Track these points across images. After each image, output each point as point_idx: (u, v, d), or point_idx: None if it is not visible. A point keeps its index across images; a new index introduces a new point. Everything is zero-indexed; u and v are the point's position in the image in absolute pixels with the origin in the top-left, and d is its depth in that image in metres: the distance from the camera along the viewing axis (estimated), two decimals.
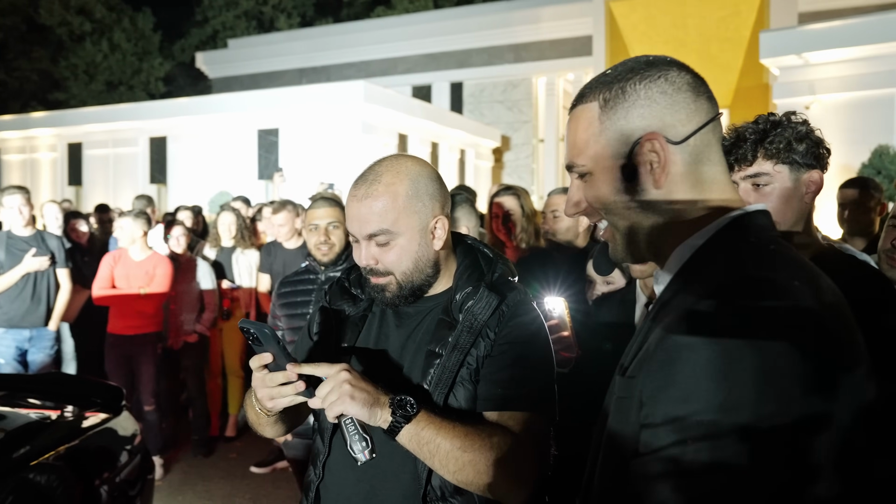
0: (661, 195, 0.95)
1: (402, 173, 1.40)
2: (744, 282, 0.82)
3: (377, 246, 1.40)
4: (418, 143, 13.12)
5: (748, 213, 0.94)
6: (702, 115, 0.95)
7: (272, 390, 1.32)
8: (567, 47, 16.24)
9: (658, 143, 0.93)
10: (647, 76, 0.95)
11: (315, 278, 3.14)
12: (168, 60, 26.07)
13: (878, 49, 8.09)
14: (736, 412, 0.74)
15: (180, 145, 12.61)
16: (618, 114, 0.95)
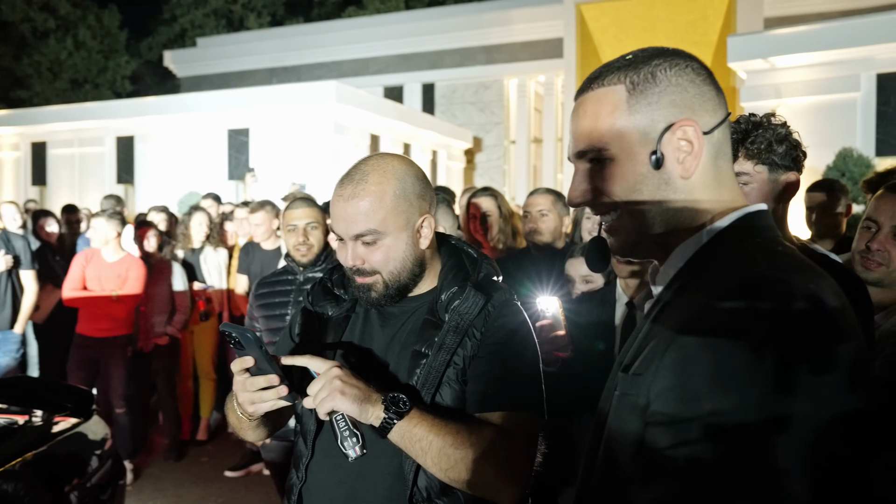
0: (686, 185, 0.92)
1: (388, 173, 1.39)
2: (759, 283, 0.80)
3: (364, 246, 1.39)
4: (390, 144, 13.08)
5: (752, 212, 0.93)
6: (723, 109, 0.95)
7: (253, 395, 1.31)
8: (538, 49, 16.32)
9: (693, 129, 0.91)
10: (675, 63, 0.93)
11: (293, 279, 3.12)
12: (135, 59, 25.65)
13: (841, 54, 8.27)
14: (752, 414, 0.73)
15: (148, 145, 12.41)
16: (648, 98, 0.92)
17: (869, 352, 0.89)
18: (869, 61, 8.17)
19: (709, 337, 0.77)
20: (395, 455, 1.35)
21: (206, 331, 5.41)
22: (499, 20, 16.65)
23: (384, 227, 1.37)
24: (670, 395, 0.78)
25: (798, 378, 0.73)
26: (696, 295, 0.84)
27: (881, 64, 8.11)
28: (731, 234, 0.90)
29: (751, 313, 0.76)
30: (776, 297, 0.77)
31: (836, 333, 0.77)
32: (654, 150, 0.91)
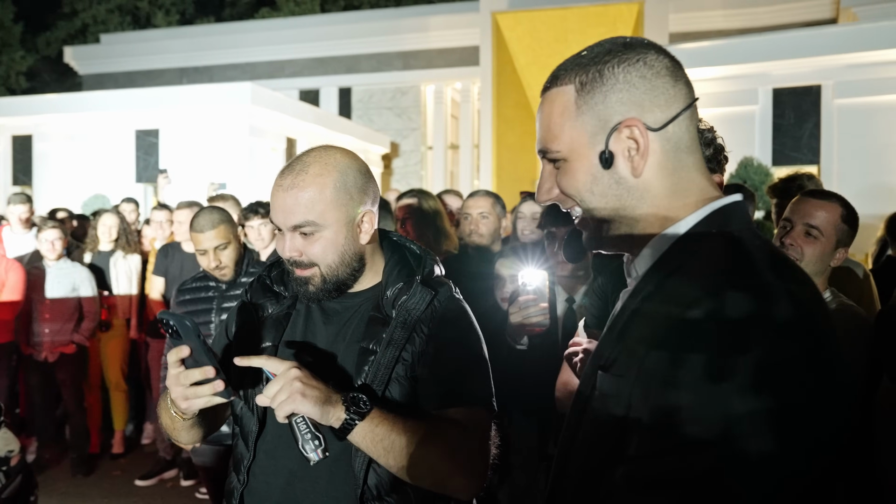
0: (639, 183, 0.91)
1: (330, 165, 1.38)
2: (731, 285, 0.78)
3: (302, 237, 1.37)
4: (307, 148, 12.86)
5: (722, 207, 0.91)
6: (680, 101, 0.92)
7: (187, 390, 1.25)
8: (455, 56, 16.49)
9: (637, 129, 0.90)
10: (625, 59, 0.91)
11: (216, 286, 3.04)
12: (31, 54, 24.25)
13: (741, 69, 8.76)
14: (739, 423, 0.71)
15: (49, 145, 11.75)
16: (595, 98, 0.91)
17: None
18: (766, 76, 8.70)
19: (690, 341, 0.76)
20: (344, 454, 1.34)
21: (115, 339, 5.18)
22: (416, 26, 16.72)
23: (323, 220, 1.35)
24: (656, 400, 0.77)
25: (783, 378, 0.73)
26: (675, 293, 0.82)
27: (777, 79, 8.65)
28: (707, 228, 0.89)
29: (725, 315, 0.75)
30: (752, 298, 0.76)
31: (816, 332, 0.77)
32: (602, 149, 0.91)
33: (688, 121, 0.93)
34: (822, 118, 8.42)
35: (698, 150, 0.95)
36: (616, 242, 0.97)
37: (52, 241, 4.70)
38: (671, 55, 0.94)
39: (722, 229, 0.88)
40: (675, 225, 0.91)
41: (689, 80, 0.94)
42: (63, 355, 4.76)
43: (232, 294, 3.01)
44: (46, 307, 4.72)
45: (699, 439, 0.73)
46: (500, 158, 14.59)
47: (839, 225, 2.18)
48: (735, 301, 0.76)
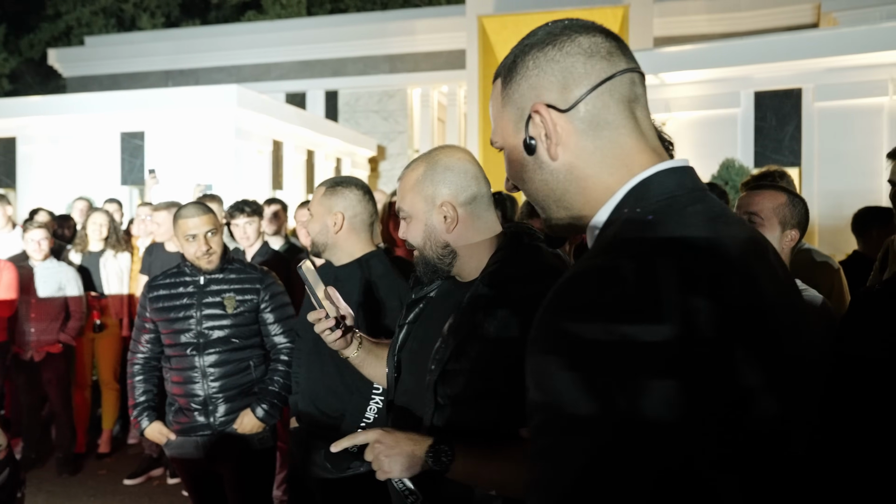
0: (560, 166, 0.90)
1: (426, 159, 1.56)
2: (581, 275, 0.78)
3: (404, 222, 1.59)
4: (293, 151, 12.90)
5: (643, 180, 0.87)
6: (593, 77, 0.89)
7: (323, 335, 1.62)
8: (441, 60, 16.56)
9: (543, 112, 0.89)
10: (539, 46, 0.91)
11: (194, 280, 3.04)
12: (14, 56, 24.05)
13: (723, 72, 8.89)
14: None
15: (32, 147, 11.68)
16: (511, 88, 0.93)
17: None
18: (747, 80, 8.82)
19: (540, 331, 0.78)
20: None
21: (108, 338, 5.18)
22: (402, 30, 16.78)
23: (409, 207, 1.55)
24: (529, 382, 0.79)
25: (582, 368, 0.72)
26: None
27: (758, 82, 8.78)
28: (618, 211, 0.87)
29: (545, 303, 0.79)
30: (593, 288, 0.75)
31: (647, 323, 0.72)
32: (524, 137, 0.92)
33: (607, 96, 0.88)
34: (803, 121, 8.55)
35: (628, 124, 0.90)
36: (564, 228, 0.97)
37: (38, 240, 4.69)
38: (598, 31, 0.91)
39: (628, 213, 0.85)
40: (600, 211, 0.90)
41: (614, 53, 0.90)
42: (49, 355, 4.76)
43: (213, 289, 3.01)
44: (33, 307, 4.72)
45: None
46: (486, 161, 14.66)
47: (780, 208, 2.24)
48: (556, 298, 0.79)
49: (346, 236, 2.44)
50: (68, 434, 4.94)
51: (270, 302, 3.10)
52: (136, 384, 3.12)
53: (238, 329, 3.03)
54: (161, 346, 3.12)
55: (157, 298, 3.05)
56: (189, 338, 2.98)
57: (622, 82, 0.90)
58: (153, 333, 3.10)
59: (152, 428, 3.05)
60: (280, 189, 12.37)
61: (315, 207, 2.44)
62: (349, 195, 2.44)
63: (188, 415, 3.00)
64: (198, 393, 2.97)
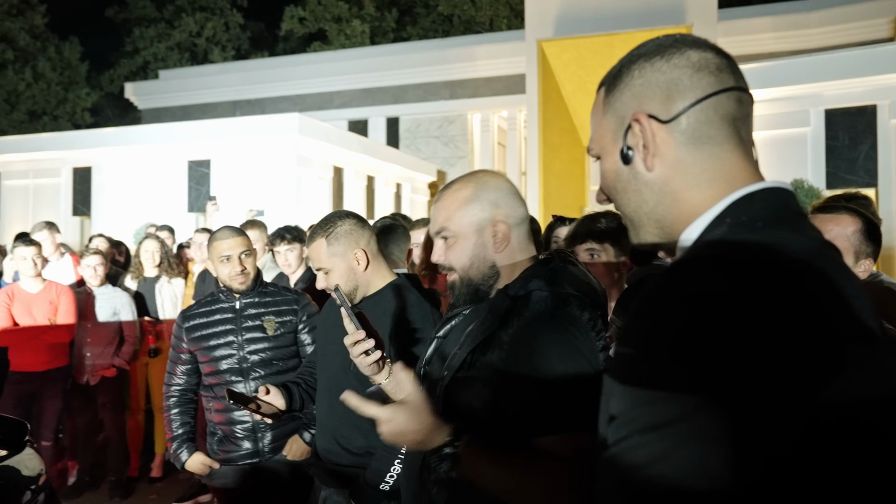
0: (655, 178, 0.90)
1: (471, 181, 1.54)
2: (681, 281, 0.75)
3: (443, 242, 1.53)
4: (354, 177, 13.06)
5: (757, 191, 0.85)
6: (698, 91, 0.88)
7: (358, 359, 1.60)
8: (501, 85, 16.57)
9: (643, 121, 0.89)
10: (648, 57, 0.91)
11: (230, 307, 3.02)
12: (95, 91, 25.37)
13: (792, 91, 8.53)
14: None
15: (106, 176, 12.19)
16: (614, 96, 0.94)
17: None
18: (817, 97, 8.44)
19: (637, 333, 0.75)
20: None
21: (161, 362, 5.24)
22: (462, 56, 16.89)
23: (456, 227, 1.50)
24: (615, 389, 0.78)
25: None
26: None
27: (829, 100, 8.39)
28: (714, 227, 0.86)
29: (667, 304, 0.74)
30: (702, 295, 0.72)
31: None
32: (622, 146, 0.92)
33: (711, 111, 0.88)
34: (879, 139, 8.10)
35: (732, 139, 0.89)
36: (651, 243, 0.96)
37: (94, 266, 4.81)
38: (709, 47, 0.90)
39: (727, 226, 0.83)
40: (693, 225, 0.88)
41: (723, 69, 0.89)
42: (104, 379, 4.85)
43: (251, 312, 2.98)
44: (89, 331, 4.82)
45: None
46: (547, 185, 14.50)
47: (854, 235, 2.09)
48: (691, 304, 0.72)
49: (373, 269, 2.34)
50: (121, 458, 5.00)
51: (308, 323, 3.05)
52: (173, 417, 3.08)
53: (279, 351, 2.99)
54: (197, 377, 3.09)
55: (193, 328, 3.02)
56: (231, 363, 2.94)
57: (728, 99, 0.89)
58: (190, 364, 3.08)
59: (194, 460, 3.01)
60: None
61: (326, 261, 2.29)
62: (352, 229, 2.32)
63: (234, 443, 2.95)
64: (245, 420, 2.91)
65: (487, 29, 22.77)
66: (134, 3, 26.56)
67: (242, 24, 26.92)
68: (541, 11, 14.23)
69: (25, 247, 4.48)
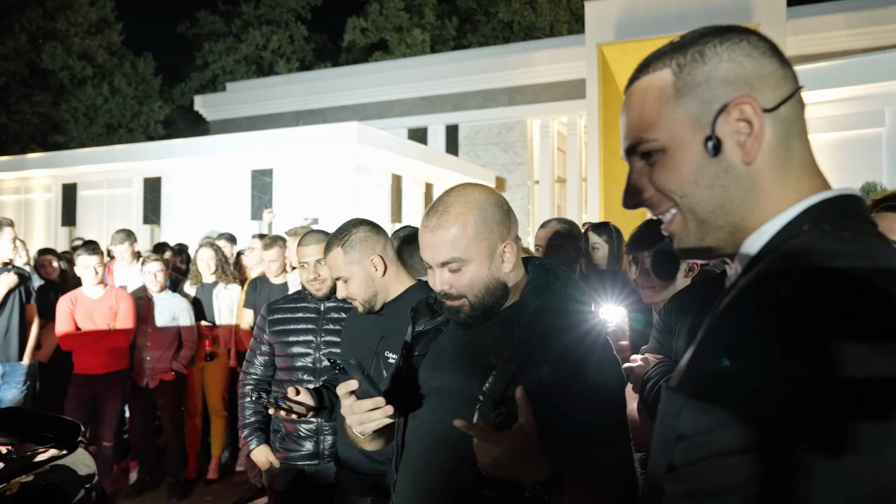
0: (750, 172, 0.81)
1: (470, 203, 1.47)
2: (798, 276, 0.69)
3: (449, 272, 1.47)
4: (412, 184, 13.14)
5: (830, 199, 0.80)
6: (791, 82, 0.83)
7: (361, 416, 1.51)
8: (560, 90, 16.40)
9: (751, 108, 0.80)
10: (727, 38, 0.83)
11: (315, 307, 3.08)
12: (168, 104, 26.37)
13: (865, 90, 8.15)
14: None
15: (174, 186, 12.63)
16: (697, 78, 0.82)
17: None
18: (893, 96, 8.03)
19: (732, 339, 0.68)
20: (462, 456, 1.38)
21: (216, 367, 5.37)
22: (521, 62, 16.81)
23: (467, 255, 1.45)
24: (690, 405, 0.71)
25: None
26: (741, 294, 0.73)
27: None
28: (801, 222, 0.79)
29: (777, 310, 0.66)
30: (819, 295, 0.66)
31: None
32: (709, 134, 0.81)
33: (798, 106, 0.83)
34: None
35: (808, 138, 0.84)
36: (717, 246, 0.86)
37: (154, 272, 4.96)
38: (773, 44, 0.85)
39: (818, 225, 0.77)
40: (775, 219, 0.81)
41: (791, 66, 0.85)
42: (163, 382, 4.98)
43: (333, 316, 3.03)
44: (149, 336, 4.97)
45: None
46: (607, 191, 14.27)
47: None
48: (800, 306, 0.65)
49: (392, 275, 2.32)
50: (179, 459, 5.13)
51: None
52: (248, 404, 3.16)
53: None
54: (274, 370, 3.16)
55: (276, 321, 3.10)
56: (306, 362, 3.00)
57: (800, 95, 0.84)
58: (268, 356, 3.15)
59: (260, 451, 3.07)
60: (399, 222, 12.62)
61: (344, 270, 2.27)
62: (367, 236, 2.30)
63: (296, 442, 2.99)
64: (310, 420, 2.93)
65: (548, 34, 22.63)
66: (204, 19, 27.53)
67: (306, 35, 27.53)
68: (601, 15, 14.04)
69: (88, 256, 4.65)
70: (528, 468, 1.23)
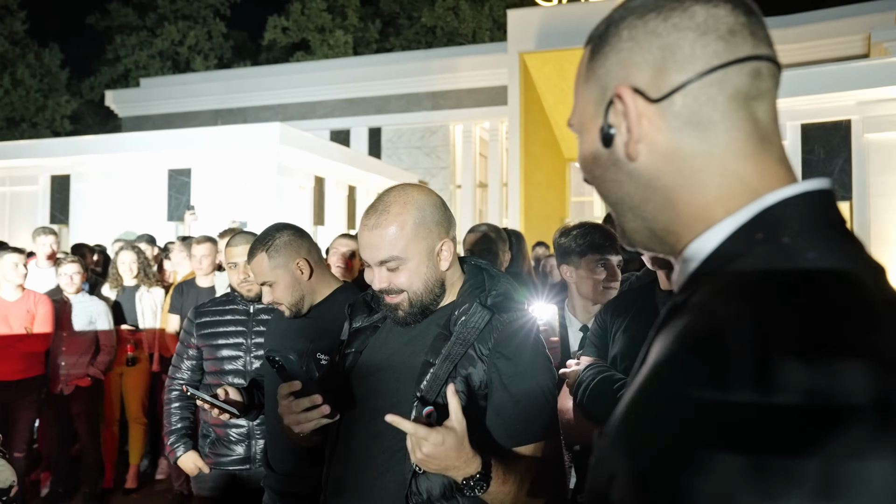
0: (639, 169, 0.70)
1: (409, 203, 1.50)
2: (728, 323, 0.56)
3: (388, 271, 1.50)
4: (335, 187, 13.05)
5: (783, 200, 0.64)
6: (700, 63, 0.66)
7: (299, 415, 1.50)
8: (483, 96, 16.66)
9: (625, 98, 0.69)
10: (641, 13, 0.70)
11: (244, 309, 3.04)
12: (75, 98, 25.18)
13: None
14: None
15: (85, 184, 12.08)
16: (598, 61, 0.73)
17: None
18: (794, 112, 8.58)
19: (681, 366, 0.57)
20: (397, 455, 1.44)
21: (137, 372, 5.20)
22: (445, 67, 16.97)
23: (405, 254, 1.47)
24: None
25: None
26: (689, 311, 0.62)
27: (805, 115, 8.53)
28: (747, 235, 0.64)
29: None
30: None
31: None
32: (602, 124, 0.72)
33: (714, 89, 0.66)
34: (854, 153, 8.25)
35: (745, 127, 0.67)
36: (641, 242, 0.76)
37: (70, 274, 4.76)
38: (722, 3, 0.68)
39: (770, 238, 0.63)
40: (713, 230, 0.67)
41: (735, 34, 0.67)
42: (78, 388, 4.78)
43: (264, 318, 2.99)
44: (65, 340, 4.77)
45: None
46: (528, 196, 14.58)
47: None
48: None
49: (318, 277, 2.34)
50: (96, 469, 4.93)
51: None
52: (174, 410, 3.08)
53: None
54: (200, 375, 3.09)
55: (205, 325, 3.03)
56: (237, 365, 2.95)
57: (740, 73, 0.67)
58: (195, 361, 3.08)
59: (188, 457, 2.99)
60: (322, 224, 12.50)
61: (270, 274, 2.27)
62: (291, 240, 2.32)
63: (227, 447, 2.94)
64: (241, 424, 2.90)
65: (470, 41, 22.92)
66: (116, 11, 26.44)
67: (225, 33, 26.87)
68: (523, 24, 14.37)
69: (10, 254, 4.44)
70: (458, 464, 1.28)
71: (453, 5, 22.67)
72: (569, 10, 13.93)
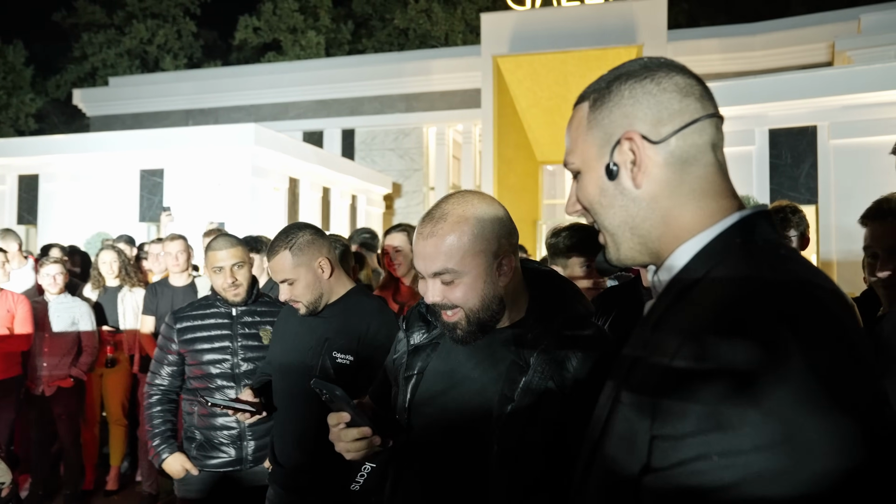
0: (643, 195, 0.94)
1: (468, 212, 1.40)
2: (764, 289, 0.79)
3: (443, 284, 1.40)
4: (309, 188, 13.02)
5: (747, 216, 0.91)
6: (686, 116, 0.93)
7: (349, 444, 1.46)
8: (457, 99, 16.75)
9: (636, 140, 0.93)
10: (636, 77, 0.95)
11: (226, 312, 3.04)
12: (41, 96, 24.68)
13: (738, 110, 8.89)
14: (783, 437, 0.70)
15: (54, 185, 11.88)
16: (602, 113, 0.96)
17: None
18: (762, 118, 8.81)
19: (717, 350, 0.75)
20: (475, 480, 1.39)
21: (117, 373, 5.18)
22: (419, 70, 17.02)
23: (462, 267, 1.37)
24: (677, 408, 0.77)
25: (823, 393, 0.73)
26: (697, 304, 0.83)
27: (773, 120, 8.77)
28: (727, 240, 0.90)
29: (753, 322, 0.76)
30: (783, 303, 0.77)
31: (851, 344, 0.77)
32: (608, 162, 0.95)
33: (696, 136, 0.93)
34: (819, 158, 8.50)
35: (715, 164, 0.94)
36: (633, 259, 0.99)
37: (53, 275, 4.74)
38: (690, 74, 0.97)
39: (746, 242, 0.88)
40: (693, 240, 0.92)
41: (706, 96, 0.96)
42: (60, 389, 4.76)
43: (247, 321, 3.01)
44: (46, 341, 4.74)
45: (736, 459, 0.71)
46: (501, 199, 14.63)
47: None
48: (767, 313, 0.76)
49: (336, 277, 2.41)
50: (77, 471, 4.91)
51: None
52: (155, 413, 3.06)
53: None
54: (181, 380, 3.09)
55: (186, 329, 3.02)
56: (224, 368, 2.95)
57: (710, 125, 0.95)
58: (176, 366, 3.07)
59: (174, 459, 2.96)
60: None
61: (291, 272, 2.30)
62: (314, 239, 2.37)
63: (217, 448, 2.94)
64: (231, 425, 2.91)
65: (443, 43, 22.99)
66: (83, 9, 25.97)
67: (195, 32, 26.54)
68: (497, 28, 14.49)
69: None
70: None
71: (426, 7, 22.73)
72: (542, 15, 14.09)
